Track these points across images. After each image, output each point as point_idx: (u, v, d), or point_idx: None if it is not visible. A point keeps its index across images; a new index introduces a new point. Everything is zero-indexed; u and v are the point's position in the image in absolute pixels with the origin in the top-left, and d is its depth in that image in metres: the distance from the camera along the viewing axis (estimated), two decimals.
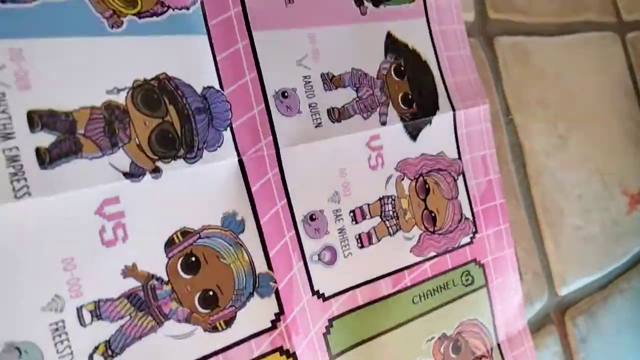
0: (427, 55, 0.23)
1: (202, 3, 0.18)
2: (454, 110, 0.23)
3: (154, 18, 0.17)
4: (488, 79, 0.29)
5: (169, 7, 0.17)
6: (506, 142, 0.29)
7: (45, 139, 0.14)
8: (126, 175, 0.16)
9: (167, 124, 0.17)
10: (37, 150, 0.14)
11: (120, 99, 0.16)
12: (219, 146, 0.18)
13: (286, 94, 0.20)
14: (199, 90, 0.17)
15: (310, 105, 0.20)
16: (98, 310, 0.15)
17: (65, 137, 0.15)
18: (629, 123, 0.37)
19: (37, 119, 0.14)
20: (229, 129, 0.18)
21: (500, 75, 0.29)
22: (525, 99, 0.30)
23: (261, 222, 0.18)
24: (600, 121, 0.35)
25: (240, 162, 0.18)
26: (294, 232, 0.19)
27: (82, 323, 0.15)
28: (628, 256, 0.34)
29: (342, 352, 0.20)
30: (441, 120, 0.23)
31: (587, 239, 0.31)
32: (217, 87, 0.18)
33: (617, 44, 0.38)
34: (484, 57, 0.29)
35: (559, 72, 0.33)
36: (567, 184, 0.31)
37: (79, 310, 0.15)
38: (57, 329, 0.14)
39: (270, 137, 0.19)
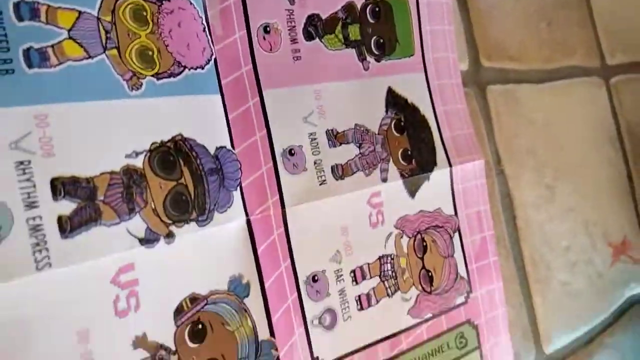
0: (426, 109, 0.27)
1: (215, 62, 0.21)
2: (450, 166, 0.27)
3: (171, 79, 0.19)
4: (480, 128, 0.33)
5: (185, 67, 0.20)
6: (497, 193, 0.33)
7: (67, 206, 0.17)
8: (141, 241, 0.18)
9: (181, 186, 0.19)
10: (59, 218, 0.16)
11: (138, 162, 0.18)
12: (229, 207, 0.21)
13: (293, 152, 0.23)
14: (212, 150, 0.20)
15: (315, 162, 0.23)
16: None
17: (85, 204, 0.17)
18: (612, 171, 0.43)
19: (60, 187, 0.17)
20: (238, 188, 0.21)
21: (491, 124, 0.34)
22: (515, 148, 0.35)
23: (265, 286, 0.21)
24: (585, 169, 0.40)
25: (248, 222, 0.21)
26: (296, 294, 0.22)
27: None
28: (612, 308, 0.39)
29: None
30: (439, 177, 0.27)
31: (573, 294, 0.36)
32: (229, 146, 0.21)
33: (601, 88, 0.45)
34: (476, 106, 0.33)
35: (547, 119, 0.38)
36: (554, 236, 0.36)
37: None
38: None
39: (277, 197, 0.22)
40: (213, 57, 0.21)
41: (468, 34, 0.34)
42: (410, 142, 0.26)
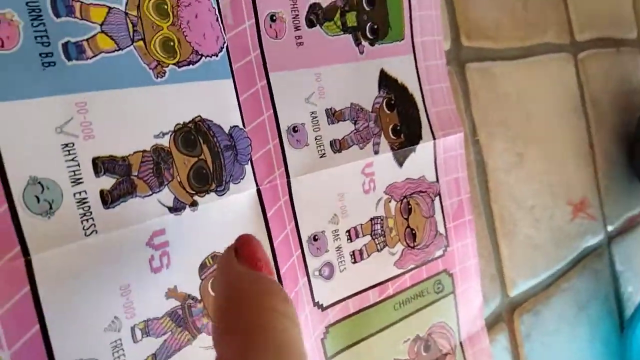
0: (414, 88, 0.28)
1: (227, 49, 0.21)
2: (434, 139, 0.28)
3: (190, 66, 0.20)
4: (459, 102, 0.34)
5: (202, 55, 0.20)
6: (472, 160, 0.35)
7: (107, 182, 0.18)
8: (170, 209, 0.19)
9: (202, 161, 0.20)
10: (101, 192, 0.18)
11: (165, 141, 0.19)
12: (242, 178, 0.22)
13: (296, 129, 0.24)
14: (226, 129, 0.21)
15: (316, 138, 0.24)
16: (147, 328, 0.19)
17: (123, 179, 0.18)
18: (576, 138, 0.45)
19: (100, 165, 0.18)
20: (249, 162, 0.22)
21: (469, 99, 0.35)
22: (490, 121, 0.36)
23: (274, 244, 0.23)
24: (552, 137, 0.42)
25: (258, 191, 0.22)
26: (300, 251, 0.24)
27: (135, 340, 0.18)
28: (569, 258, 0.42)
29: (336, 354, 0.25)
30: (424, 148, 0.28)
31: (536, 246, 0.38)
32: (241, 125, 0.22)
33: (570, 63, 0.45)
34: (456, 82, 0.34)
35: (519, 93, 0.39)
36: (521, 196, 0.38)
37: (133, 329, 0.18)
38: (115, 347, 0.18)
39: (283, 168, 0.23)
40: (225, 44, 0.21)
41: (450, 15, 0.34)
42: (400, 118, 0.27)
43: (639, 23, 0.59)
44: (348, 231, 0.25)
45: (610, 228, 0.48)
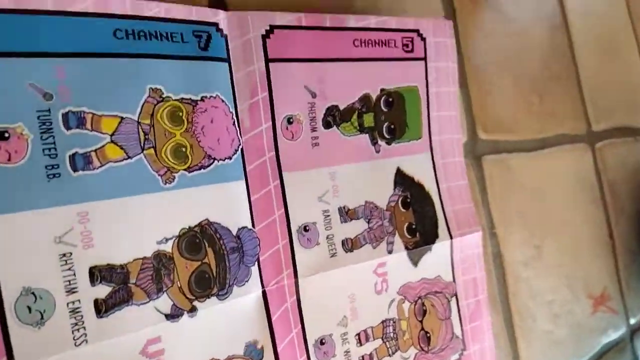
0: (430, 186, 0.26)
1: (242, 151, 0.20)
2: (451, 238, 0.25)
3: (202, 170, 0.19)
4: (476, 194, 0.31)
5: (214, 159, 0.19)
6: (490, 253, 0.31)
7: (103, 290, 0.16)
8: (167, 317, 0.17)
9: (205, 265, 0.18)
10: (96, 301, 0.16)
11: (168, 247, 0.18)
12: (247, 281, 0.20)
13: (307, 228, 0.22)
14: (234, 231, 0.19)
15: (327, 237, 0.22)
16: None
17: (119, 287, 0.16)
18: (595, 229, 0.41)
19: (97, 274, 0.16)
20: (256, 263, 0.20)
21: (486, 191, 0.32)
22: (507, 213, 0.33)
23: (278, 350, 0.20)
24: (570, 228, 0.38)
25: (264, 293, 0.20)
26: (305, 356, 0.21)
27: None
28: (591, 354, 0.37)
29: None
30: (440, 248, 0.25)
31: (555, 342, 0.34)
32: (250, 225, 0.20)
33: (587, 153, 0.42)
34: (473, 174, 0.32)
35: (536, 185, 0.36)
36: (540, 290, 0.34)
37: None
38: None
39: (291, 269, 0.21)
40: (240, 147, 0.20)
41: (467, 109, 0.33)
42: (415, 216, 0.25)
43: None
44: (358, 334, 0.23)
45: (632, 321, 0.43)
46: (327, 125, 0.23)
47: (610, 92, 0.48)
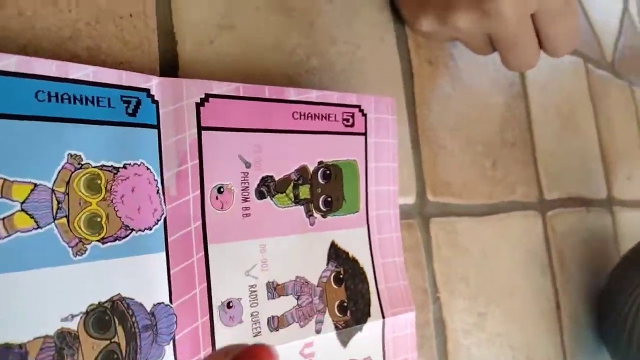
0: (365, 262, 0.27)
1: (164, 221, 0.21)
2: (383, 317, 0.27)
3: (116, 242, 0.19)
4: (421, 257, 0.33)
5: (132, 229, 0.20)
6: (431, 319, 0.33)
7: None
8: None
9: (114, 344, 0.19)
10: None
11: (73, 325, 0.18)
12: None
13: (231, 305, 0.22)
14: (149, 307, 0.20)
15: (252, 315, 0.23)
16: None
17: None
18: (541, 298, 0.43)
19: None
20: (171, 342, 0.20)
21: (431, 254, 0.34)
22: (452, 278, 0.34)
23: None
24: (516, 296, 0.40)
25: None
26: None
27: None
28: None
29: None
30: (371, 328, 0.26)
31: None
32: (167, 301, 0.20)
33: (537, 221, 0.45)
34: (419, 237, 0.33)
35: (483, 250, 0.38)
36: (480, 359, 0.35)
37: None
38: None
39: (210, 348, 0.21)
40: (163, 216, 0.21)
41: (418, 170, 0.34)
42: (348, 294, 0.26)
43: (609, 184, 0.60)
44: None
45: None
46: (260, 195, 0.24)
47: (564, 162, 0.51)
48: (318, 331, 0.24)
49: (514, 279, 0.40)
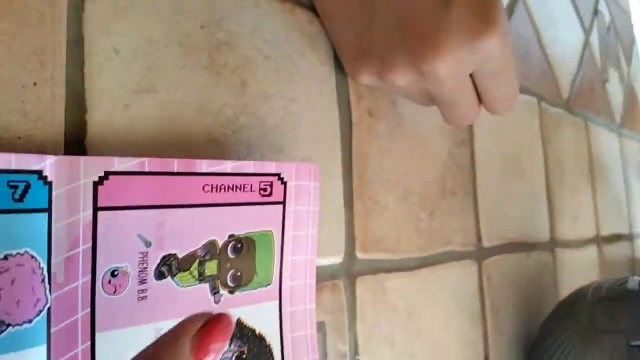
0: (272, 339, 0.27)
1: (48, 311, 0.20)
2: None
3: None
4: (343, 319, 0.33)
5: (8, 324, 0.19)
6: None
7: None
8: None
9: None
10: None
11: None
12: None
13: None
14: None
15: None
16: None
17: None
18: (469, 350, 0.44)
19: None
20: None
21: (355, 316, 0.34)
22: (374, 338, 0.35)
23: None
24: (443, 352, 0.40)
25: None
26: None
27: None
28: None
29: None
30: None
31: None
32: None
33: (473, 270, 0.46)
34: (343, 298, 0.33)
35: (411, 306, 0.38)
36: None
37: None
38: None
39: None
40: (47, 306, 0.20)
41: (349, 228, 0.34)
42: None
43: (553, 226, 0.62)
44: None
45: None
46: (159, 276, 0.23)
47: (507, 207, 0.52)
48: None
49: (442, 334, 0.41)
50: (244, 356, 0.25)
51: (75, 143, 0.23)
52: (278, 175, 0.27)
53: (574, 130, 0.72)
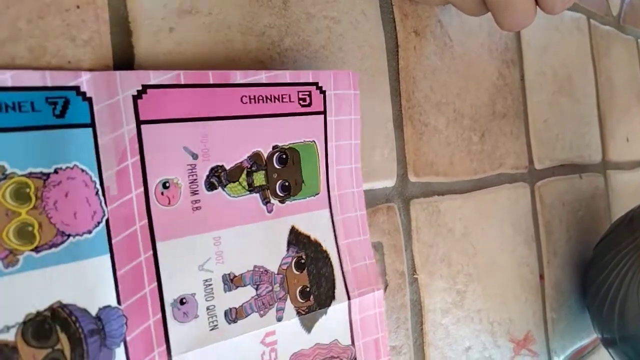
0: (328, 244, 0.26)
1: (107, 222, 0.20)
2: (349, 299, 0.26)
3: (52, 249, 0.18)
4: (400, 240, 0.32)
5: (69, 235, 0.19)
6: (408, 301, 0.32)
7: None
8: None
9: (57, 352, 0.18)
10: None
11: (10, 336, 0.17)
12: None
13: (184, 301, 0.22)
14: (94, 311, 0.19)
15: (208, 308, 0.22)
16: None
17: None
18: (524, 271, 0.42)
19: None
20: (122, 344, 0.20)
21: (411, 238, 0.33)
22: (431, 259, 0.34)
23: None
24: (497, 271, 0.39)
25: None
26: None
27: None
28: None
29: None
30: (336, 310, 0.25)
31: None
32: (115, 303, 0.20)
33: (525, 192, 0.43)
34: (398, 221, 0.32)
35: (466, 228, 0.37)
36: (458, 338, 0.35)
37: None
38: None
39: (164, 346, 0.21)
40: (105, 218, 0.20)
41: (400, 151, 0.33)
42: (310, 279, 0.25)
43: (605, 147, 0.58)
44: None
45: None
46: (210, 187, 0.23)
47: (558, 128, 0.49)
48: (279, 319, 0.24)
49: (497, 255, 0.39)
50: (302, 261, 0.25)
51: (125, 67, 0.22)
52: (316, 84, 0.26)
53: (625, 49, 0.66)
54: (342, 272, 0.26)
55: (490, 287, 0.38)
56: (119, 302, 0.20)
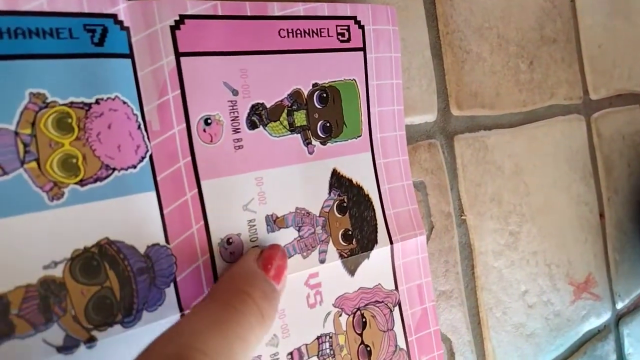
0: (370, 188, 0.25)
1: (150, 158, 0.19)
2: (392, 243, 0.25)
3: (97, 183, 0.17)
4: (444, 179, 0.30)
5: (114, 169, 0.18)
6: (456, 244, 0.31)
7: None
8: (59, 349, 0.16)
9: (106, 289, 0.17)
10: None
11: (58, 272, 0.16)
12: (160, 305, 0.18)
13: (231, 241, 0.21)
14: (142, 249, 0.18)
15: None
16: None
17: None
18: (583, 210, 0.39)
19: None
20: (172, 284, 0.19)
21: (456, 176, 0.31)
22: (480, 199, 0.32)
23: None
24: (553, 210, 0.37)
25: (182, 317, 0.19)
26: None
27: None
28: (566, 345, 0.37)
29: None
30: (379, 254, 0.24)
31: (527, 336, 0.34)
32: (163, 242, 0.19)
33: (581, 125, 0.40)
34: (442, 158, 0.30)
35: (516, 165, 0.34)
36: (513, 281, 0.33)
37: None
38: None
39: None
40: (148, 153, 0.19)
41: (440, 83, 0.30)
42: (352, 222, 0.24)
43: None
44: (290, 353, 0.22)
45: (619, 306, 0.42)
46: (252, 125, 0.21)
47: (613, 54, 0.44)
48: (322, 261, 0.23)
49: (553, 193, 0.37)
50: (344, 204, 0.24)
51: None
52: (354, 18, 0.24)
53: None
54: (384, 217, 0.25)
55: (546, 228, 0.36)
56: (167, 240, 0.19)
